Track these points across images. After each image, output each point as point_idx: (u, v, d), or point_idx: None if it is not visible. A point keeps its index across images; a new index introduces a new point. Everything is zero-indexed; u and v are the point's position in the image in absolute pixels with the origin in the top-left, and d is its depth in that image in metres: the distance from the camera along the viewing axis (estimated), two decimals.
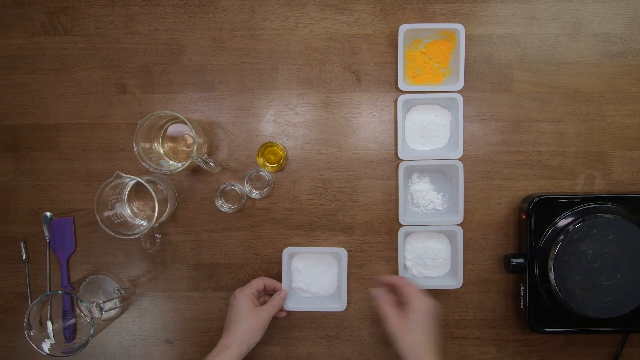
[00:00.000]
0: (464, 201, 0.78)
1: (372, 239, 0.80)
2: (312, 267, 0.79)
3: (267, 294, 0.79)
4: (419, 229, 0.78)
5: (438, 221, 0.78)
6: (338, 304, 0.78)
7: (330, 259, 0.80)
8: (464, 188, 0.77)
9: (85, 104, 0.80)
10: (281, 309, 0.77)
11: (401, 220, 0.78)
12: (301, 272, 0.79)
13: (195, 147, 0.70)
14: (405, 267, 0.80)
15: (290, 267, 0.79)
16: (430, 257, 0.79)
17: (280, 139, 0.80)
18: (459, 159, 0.77)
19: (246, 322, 0.70)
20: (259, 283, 0.74)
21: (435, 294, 0.79)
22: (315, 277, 0.79)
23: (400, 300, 0.69)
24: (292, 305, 0.78)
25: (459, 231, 0.77)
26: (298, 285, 0.79)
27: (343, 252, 0.78)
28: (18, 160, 0.80)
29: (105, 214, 0.72)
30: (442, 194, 0.80)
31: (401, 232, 0.77)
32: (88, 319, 0.78)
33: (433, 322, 0.66)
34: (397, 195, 0.79)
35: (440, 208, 0.80)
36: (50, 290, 0.80)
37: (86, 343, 0.69)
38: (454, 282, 0.78)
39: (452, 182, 0.79)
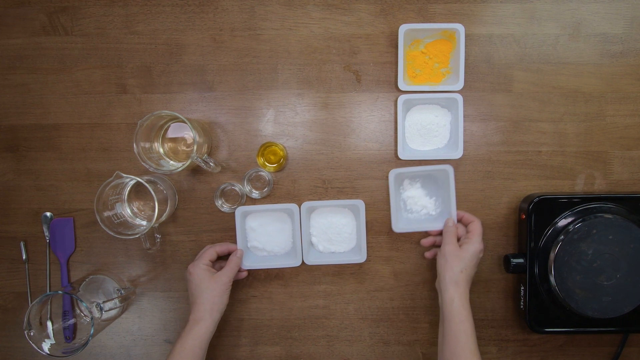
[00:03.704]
0: (464, 202, 0.77)
1: (372, 239, 0.80)
2: (267, 225, 0.79)
3: (224, 260, 0.78)
4: (320, 204, 0.78)
5: (432, 226, 0.77)
6: (294, 260, 0.77)
7: (284, 217, 0.79)
8: (464, 188, 0.77)
9: (85, 104, 0.80)
10: (240, 269, 0.77)
11: (394, 227, 0.77)
12: (256, 231, 0.79)
13: (195, 147, 0.70)
14: (312, 244, 0.80)
15: (245, 227, 0.79)
16: (335, 232, 0.78)
17: (280, 139, 0.80)
18: (459, 160, 0.77)
19: (209, 291, 0.71)
20: (210, 253, 0.75)
21: (428, 287, 0.80)
22: (270, 235, 0.79)
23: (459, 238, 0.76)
24: (248, 264, 0.78)
25: (361, 205, 0.77)
26: (253, 244, 0.79)
27: (295, 208, 0.77)
28: (18, 160, 0.80)
29: (105, 214, 0.72)
30: (434, 198, 0.79)
31: (303, 207, 0.77)
32: (88, 319, 0.78)
33: (477, 263, 0.72)
34: None
35: (433, 213, 0.79)
36: (50, 290, 0.80)
37: (86, 343, 0.69)
38: (358, 257, 0.78)
39: (444, 186, 0.77)
